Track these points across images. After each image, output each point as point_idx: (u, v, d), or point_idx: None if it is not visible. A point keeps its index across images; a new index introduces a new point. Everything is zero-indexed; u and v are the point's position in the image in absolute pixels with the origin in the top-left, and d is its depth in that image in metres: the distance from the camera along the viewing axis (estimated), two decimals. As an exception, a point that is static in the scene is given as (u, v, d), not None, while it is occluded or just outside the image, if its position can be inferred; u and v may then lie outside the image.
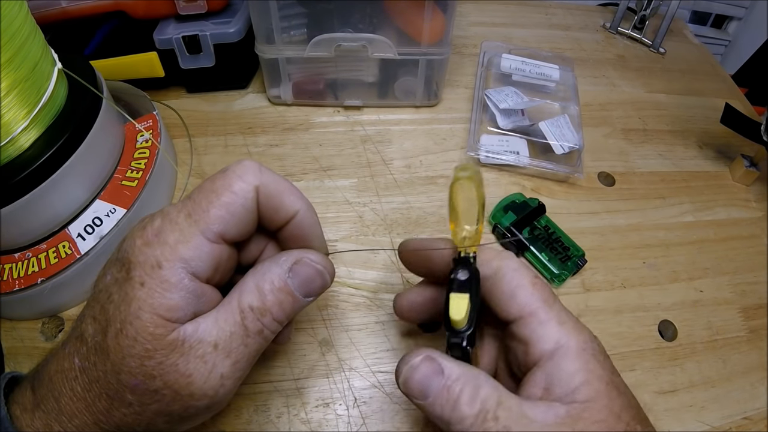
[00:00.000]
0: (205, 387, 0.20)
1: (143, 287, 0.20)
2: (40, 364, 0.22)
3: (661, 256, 0.40)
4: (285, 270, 0.23)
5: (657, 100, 0.54)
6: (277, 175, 0.23)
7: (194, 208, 0.21)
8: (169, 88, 0.48)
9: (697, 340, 0.36)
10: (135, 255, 0.20)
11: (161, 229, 0.21)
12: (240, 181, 0.22)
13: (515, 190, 0.42)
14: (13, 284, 0.31)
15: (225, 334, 0.21)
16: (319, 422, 0.30)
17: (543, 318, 0.22)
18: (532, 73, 0.50)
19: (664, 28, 0.58)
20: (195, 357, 0.20)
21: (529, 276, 0.24)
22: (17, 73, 0.28)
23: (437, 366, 0.22)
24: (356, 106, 0.48)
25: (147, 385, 0.20)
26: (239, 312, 0.21)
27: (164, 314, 0.20)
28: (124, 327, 0.20)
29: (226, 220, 0.21)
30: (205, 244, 0.21)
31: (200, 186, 0.22)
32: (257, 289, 0.22)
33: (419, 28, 0.41)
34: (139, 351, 0.19)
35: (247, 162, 0.23)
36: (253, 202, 0.22)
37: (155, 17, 0.43)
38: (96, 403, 0.20)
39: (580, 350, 0.22)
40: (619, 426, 0.20)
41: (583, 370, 0.21)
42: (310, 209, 0.24)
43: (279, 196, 0.23)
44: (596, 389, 0.21)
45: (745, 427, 0.32)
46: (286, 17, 0.41)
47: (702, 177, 0.47)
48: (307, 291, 0.23)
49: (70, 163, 0.30)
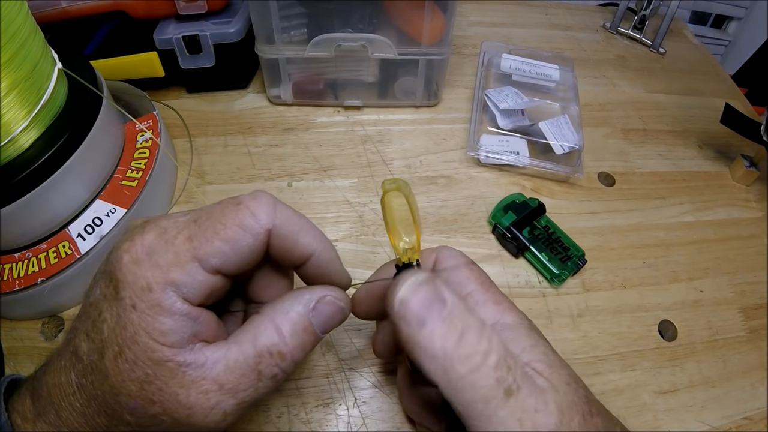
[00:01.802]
0: (206, 421, 0.19)
1: (135, 310, 0.19)
2: (38, 371, 0.22)
3: (661, 256, 0.40)
4: (309, 310, 0.21)
5: (657, 100, 0.54)
6: (292, 212, 0.22)
7: (197, 234, 0.20)
8: (169, 88, 0.48)
9: (697, 340, 0.36)
10: (123, 273, 0.19)
11: (153, 248, 0.19)
12: (252, 218, 0.20)
13: (515, 190, 0.43)
14: (13, 284, 0.31)
15: (233, 376, 0.20)
16: (319, 422, 0.30)
17: (480, 299, 0.23)
18: (532, 73, 0.50)
19: (664, 28, 0.58)
20: (197, 392, 0.19)
21: (465, 260, 0.25)
22: (17, 73, 0.28)
23: (441, 292, 0.19)
24: (356, 106, 0.48)
25: (146, 409, 0.19)
26: (255, 356, 0.20)
27: (159, 339, 0.19)
28: (122, 351, 0.19)
29: (228, 256, 0.20)
30: (200, 273, 0.19)
31: (209, 211, 0.21)
32: (276, 329, 0.20)
33: (419, 28, 0.41)
34: (139, 375, 0.19)
35: (264, 197, 0.21)
36: (263, 244, 0.21)
37: (155, 17, 0.43)
38: (95, 418, 0.20)
39: (516, 325, 0.23)
40: (568, 384, 0.21)
41: (521, 338, 0.22)
42: (326, 248, 0.23)
43: (293, 237, 0.21)
44: (538, 357, 0.21)
45: (745, 427, 0.32)
46: (286, 17, 0.41)
47: (702, 177, 0.47)
48: (327, 328, 0.22)
49: (70, 163, 0.30)
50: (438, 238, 0.39)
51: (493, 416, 0.18)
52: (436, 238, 0.39)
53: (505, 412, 0.18)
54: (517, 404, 0.18)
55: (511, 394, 0.18)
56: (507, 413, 0.18)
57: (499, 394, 0.18)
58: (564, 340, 0.35)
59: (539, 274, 0.38)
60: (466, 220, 0.41)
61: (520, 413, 0.18)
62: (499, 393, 0.18)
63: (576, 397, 0.20)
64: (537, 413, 0.19)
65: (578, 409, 0.20)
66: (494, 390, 0.18)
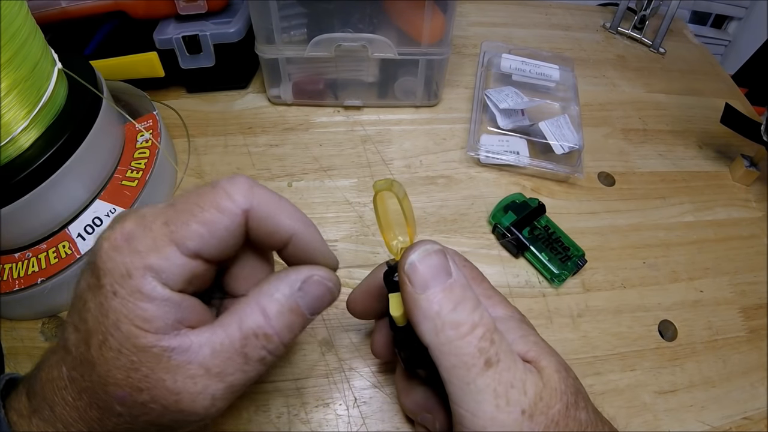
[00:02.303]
0: (194, 406, 0.19)
1: (116, 297, 0.19)
2: (34, 369, 0.22)
3: (661, 256, 0.40)
4: (295, 289, 0.21)
5: (657, 100, 0.54)
6: (271, 193, 0.21)
7: (173, 218, 0.19)
8: (169, 88, 0.48)
9: (697, 340, 0.36)
10: (103, 261, 0.19)
11: (132, 234, 0.19)
12: (228, 200, 0.20)
13: (515, 190, 0.43)
14: (13, 284, 0.31)
15: (220, 359, 0.19)
16: (319, 422, 0.30)
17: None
18: (532, 73, 0.50)
19: (664, 28, 0.58)
20: (184, 377, 0.19)
21: (457, 256, 0.25)
22: (17, 73, 0.28)
23: (448, 265, 0.21)
24: (356, 106, 0.48)
25: (134, 397, 0.19)
26: (240, 338, 0.20)
27: (142, 325, 0.19)
28: (106, 339, 0.19)
29: (206, 239, 0.19)
30: (178, 257, 0.19)
31: (185, 195, 0.20)
32: (262, 311, 0.20)
33: (419, 28, 0.41)
34: (124, 363, 0.19)
35: (240, 178, 0.21)
36: (240, 226, 0.20)
37: (155, 17, 0.43)
38: (88, 411, 0.20)
39: (507, 318, 0.23)
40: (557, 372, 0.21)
41: (512, 330, 0.23)
42: (308, 229, 0.22)
43: (272, 219, 0.21)
44: (529, 347, 0.22)
45: (745, 427, 0.32)
46: (286, 17, 0.41)
47: (702, 177, 0.47)
48: (316, 309, 0.22)
49: (70, 163, 0.30)
50: (438, 238, 0.39)
51: (471, 383, 0.20)
52: (436, 238, 0.39)
53: (482, 381, 0.20)
54: (495, 375, 0.20)
55: (491, 366, 0.20)
56: (483, 382, 0.20)
57: (479, 363, 0.20)
58: (564, 340, 0.35)
59: (539, 274, 0.38)
60: (466, 220, 0.41)
61: (496, 384, 0.20)
62: (480, 362, 0.20)
63: (563, 386, 0.21)
64: (512, 389, 0.20)
65: (561, 398, 0.20)
66: (475, 358, 0.20)
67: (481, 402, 0.19)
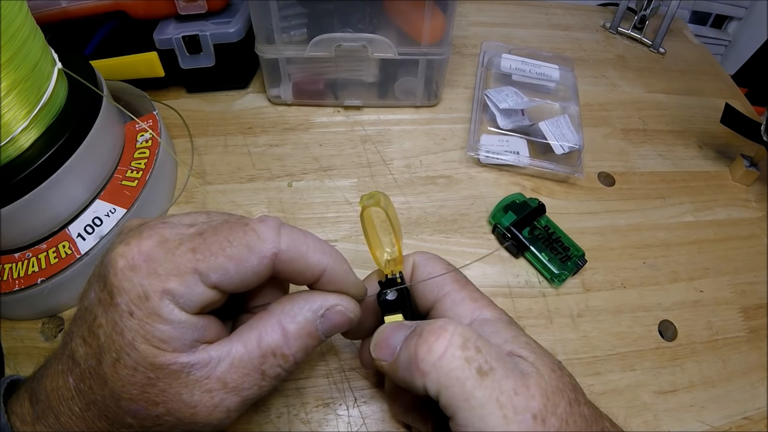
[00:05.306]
0: (210, 419, 0.20)
1: (132, 317, 0.18)
2: (36, 373, 0.22)
3: (661, 256, 0.40)
4: (318, 315, 0.21)
5: (657, 100, 0.54)
6: (298, 232, 0.21)
7: (201, 247, 0.19)
8: (169, 88, 0.48)
9: (697, 340, 0.36)
10: (118, 279, 0.19)
11: (152, 256, 0.19)
12: (259, 240, 0.20)
13: (515, 190, 0.43)
14: (13, 284, 0.31)
15: (237, 374, 0.20)
16: (319, 422, 0.30)
17: (457, 298, 0.24)
18: (532, 73, 0.50)
19: (664, 28, 0.58)
20: (201, 390, 0.19)
21: (442, 262, 0.25)
22: (17, 73, 0.28)
23: (402, 325, 0.22)
24: (356, 106, 0.48)
25: (149, 411, 0.19)
26: (259, 356, 0.20)
27: (160, 345, 0.19)
28: (120, 357, 0.19)
29: (230, 274, 0.19)
30: (199, 286, 0.19)
31: (216, 227, 0.20)
32: (282, 330, 0.21)
33: (419, 28, 0.41)
34: (140, 379, 0.19)
35: (271, 221, 0.21)
36: (266, 268, 0.20)
37: (155, 17, 0.43)
38: (96, 422, 0.20)
39: (495, 320, 0.23)
40: (552, 371, 0.21)
41: (502, 332, 0.22)
42: (338, 261, 0.22)
43: (303, 259, 0.21)
44: (521, 346, 0.22)
45: (745, 427, 0.32)
46: (286, 17, 0.41)
47: (702, 177, 0.47)
48: (331, 334, 0.23)
49: (70, 163, 0.30)
50: (438, 238, 0.39)
51: (471, 398, 0.19)
52: (436, 238, 0.39)
53: (481, 393, 0.19)
54: (494, 385, 0.19)
55: (486, 375, 0.19)
56: (484, 394, 0.19)
57: (472, 374, 0.19)
58: (564, 340, 0.35)
59: (539, 274, 0.38)
60: (466, 220, 0.41)
61: (498, 394, 0.19)
62: (471, 373, 0.19)
63: (561, 383, 0.21)
64: (517, 396, 0.19)
65: (564, 396, 0.20)
66: (465, 370, 0.19)
67: (486, 416, 0.18)
